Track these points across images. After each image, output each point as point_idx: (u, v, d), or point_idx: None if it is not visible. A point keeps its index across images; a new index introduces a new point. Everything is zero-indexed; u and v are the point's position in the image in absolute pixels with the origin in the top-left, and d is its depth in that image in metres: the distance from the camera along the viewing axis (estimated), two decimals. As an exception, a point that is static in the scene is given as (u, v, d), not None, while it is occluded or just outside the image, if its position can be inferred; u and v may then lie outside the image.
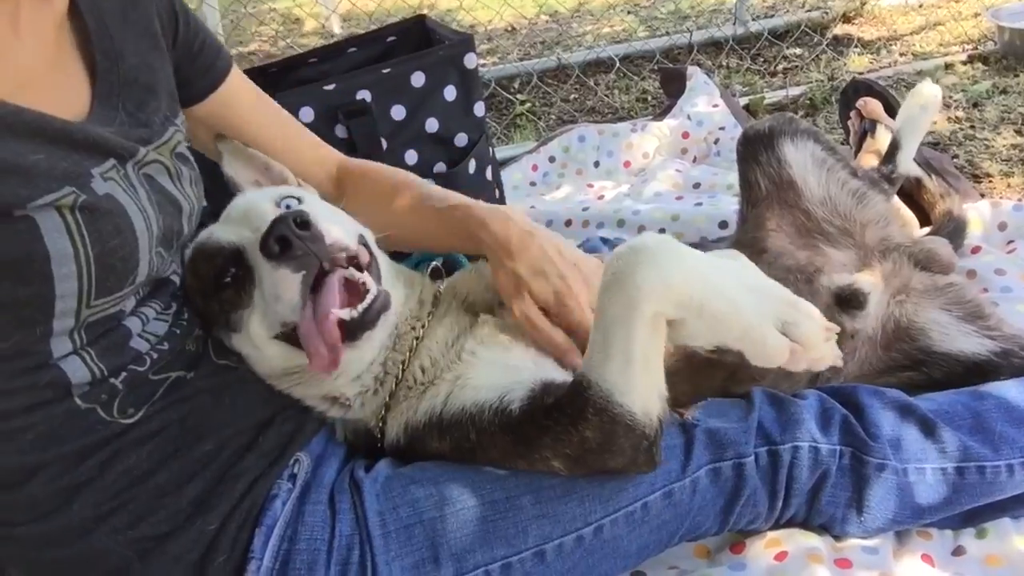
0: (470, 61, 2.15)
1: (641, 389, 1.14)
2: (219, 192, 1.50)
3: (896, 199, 2.00)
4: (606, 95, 3.56)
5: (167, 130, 1.26)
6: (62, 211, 1.02)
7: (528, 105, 3.53)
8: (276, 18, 5.39)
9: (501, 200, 2.37)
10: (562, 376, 1.24)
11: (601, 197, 2.65)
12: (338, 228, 1.19)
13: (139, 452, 1.15)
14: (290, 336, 1.21)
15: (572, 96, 3.62)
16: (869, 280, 1.61)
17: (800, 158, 1.70)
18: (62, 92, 1.15)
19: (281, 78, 2.33)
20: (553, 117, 3.44)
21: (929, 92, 1.95)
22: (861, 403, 1.38)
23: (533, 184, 2.85)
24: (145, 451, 1.15)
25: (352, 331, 1.18)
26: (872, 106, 2.38)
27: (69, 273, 1.02)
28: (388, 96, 2.09)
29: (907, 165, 1.97)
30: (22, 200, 0.98)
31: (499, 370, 1.27)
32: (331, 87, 2.05)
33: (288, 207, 1.26)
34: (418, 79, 2.11)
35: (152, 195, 1.17)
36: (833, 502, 1.32)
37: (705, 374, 1.39)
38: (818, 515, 1.34)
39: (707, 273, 1.09)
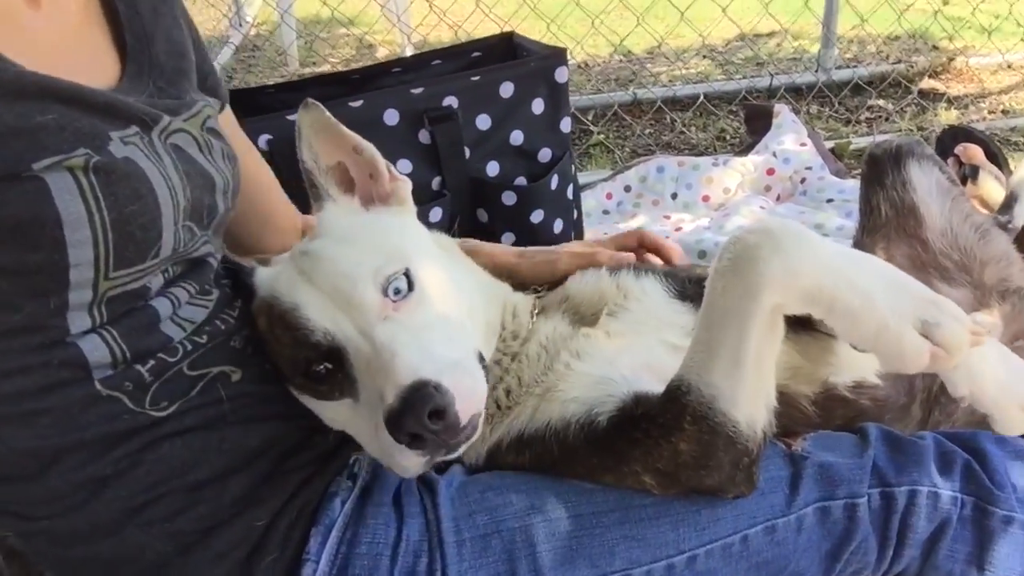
0: (561, 75, 2.10)
1: (748, 396, 1.04)
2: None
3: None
4: (683, 131, 3.49)
5: (196, 103, 1.19)
6: (75, 172, 0.94)
7: (603, 136, 3.48)
8: (351, 42, 5.46)
9: (579, 221, 2.30)
10: (660, 388, 1.13)
11: (679, 229, 2.57)
12: (469, 384, 1.03)
13: (174, 445, 1.06)
14: None
15: (648, 131, 3.56)
16: (987, 320, 1.49)
17: (926, 183, 1.60)
18: (88, 67, 1.09)
19: (362, 86, 2.30)
20: (628, 150, 3.38)
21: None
22: (983, 449, 1.25)
23: (606, 212, 2.78)
24: (181, 445, 1.06)
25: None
26: (973, 151, 2.28)
27: (83, 239, 0.94)
28: (475, 104, 2.04)
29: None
30: (26, 161, 0.91)
31: (591, 382, 1.17)
32: (418, 91, 2.00)
33: (397, 291, 1.11)
34: (507, 89, 2.06)
35: (179, 165, 1.08)
36: (951, 557, 1.19)
37: (835, 415, 1.28)
38: (933, 570, 1.20)
39: (838, 263, 0.99)
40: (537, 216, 2.09)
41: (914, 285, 1.02)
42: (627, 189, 2.82)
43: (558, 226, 2.15)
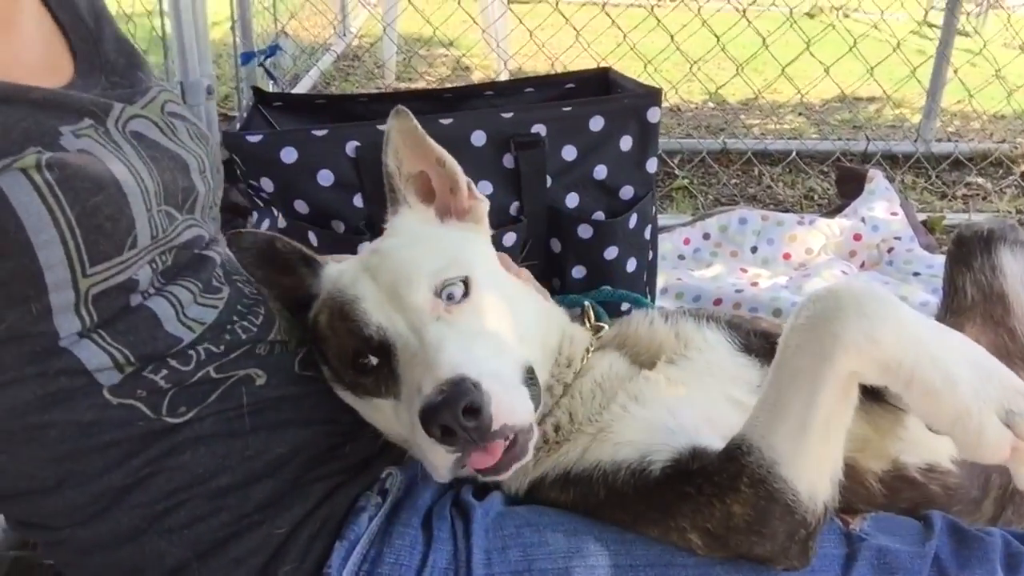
0: (653, 115, 2.07)
1: (812, 465, 0.99)
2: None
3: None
4: (771, 186, 3.43)
5: (152, 89, 1.18)
6: (28, 172, 0.91)
7: (688, 181, 3.44)
8: (448, 62, 5.55)
9: (654, 262, 2.26)
10: (720, 444, 1.09)
11: (755, 284, 2.51)
12: (507, 394, 1.02)
13: (196, 452, 1.05)
14: None
15: (734, 181, 3.51)
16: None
17: (1018, 270, 1.53)
18: (47, 77, 1.08)
19: (454, 105, 2.32)
20: (712, 197, 3.34)
21: None
22: (1054, 553, 1.17)
23: (682, 257, 2.74)
24: (204, 452, 1.06)
25: (481, 473, 1.06)
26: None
27: (50, 239, 0.92)
28: (562, 135, 2.03)
29: None
30: None
31: (647, 428, 1.14)
32: (508, 115, 2.00)
33: (451, 297, 1.13)
34: (596, 123, 2.04)
35: (142, 151, 1.06)
36: (1008, 665, 1.12)
37: (901, 497, 1.22)
38: None
39: (923, 335, 0.94)
40: (611, 253, 2.06)
41: (1002, 371, 0.96)
42: (706, 236, 2.78)
43: (631, 265, 2.12)
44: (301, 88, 4.16)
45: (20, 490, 1.02)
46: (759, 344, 1.28)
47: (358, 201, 1.96)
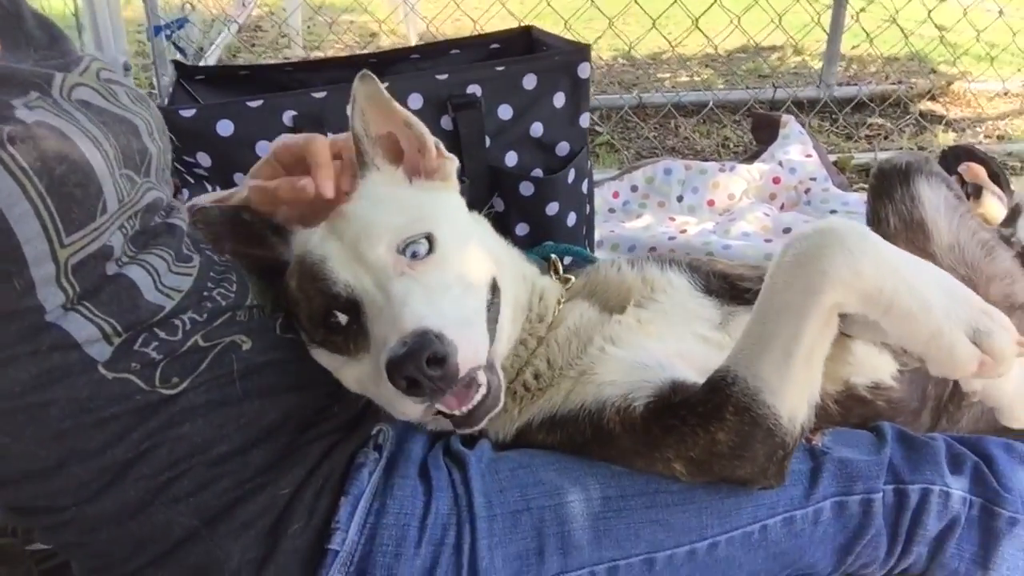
0: (583, 71, 2.11)
1: (794, 391, 1.07)
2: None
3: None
4: (688, 137, 3.53)
5: (84, 58, 1.18)
6: None
7: (607, 137, 3.51)
8: (353, 29, 5.45)
9: (591, 215, 2.32)
10: (695, 377, 1.16)
11: (683, 231, 2.60)
12: (471, 339, 1.06)
13: (193, 422, 1.07)
14: None
15: (653, 134, 3.60)
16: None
17: (934, 199, 1.64)
18: None
19: (381, 69, 2.31)
20: (633, 151, 3.42)
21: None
22: (991, 454, 1.28)
23: (612, 211, 2.81)
24: (200, 422, 1.07)
25: (455, 425, 1.10)
26: (976, 170, 2.32)
27: (24, 212, 0.92)
28: (498, 94, 2.05)
29: (1027, 232, 1.90)
30: None
31: (627, 367, 1.19)
32: (443, 77, 2.01)
33: (415, 255, 1.15)
34: (530, 81, 2.07)
35: (92, 117, 1.06)
36: (958, 555, 1.23)
37: (853, 413, 1.31)
38: (939, 568, 1.24)
39: (899, 266, 1.02)
40: (552, 208, 2.11)
41: (969, 294, 1.05)
42: (634, 189, 2.85)
43: (571, 219, 2.17)
44: (209, 62, 4.04)
45: (23, 472, 1.01)
46: (718, 285, 1.36)
47: (299, 171, 1.94)
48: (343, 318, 1.14)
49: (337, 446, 1.15)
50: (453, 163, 1.35)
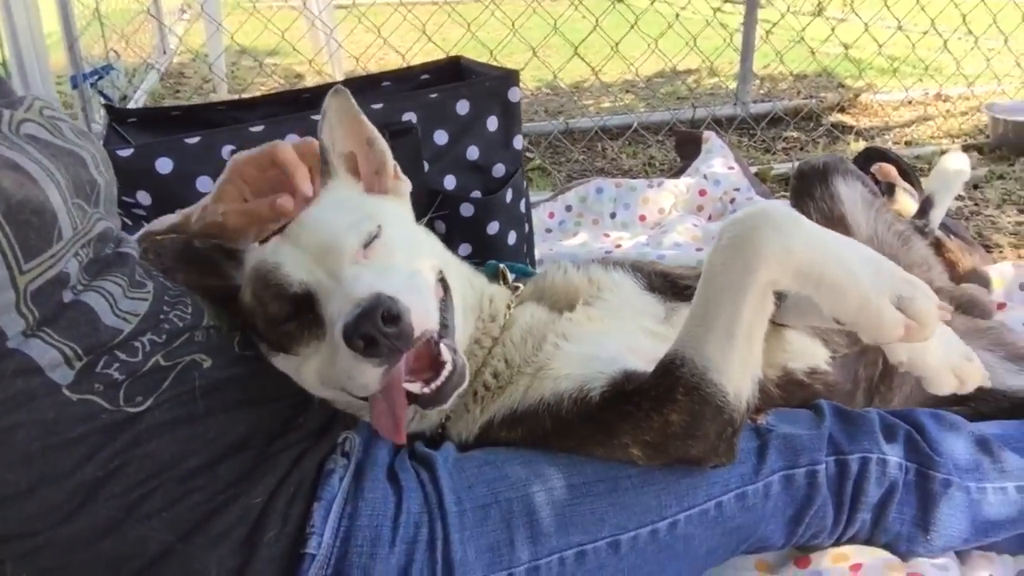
0: (513, 95, 2.20)
1: (738, 368, 1.13)
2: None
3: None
4: (615, 158, 3.65)
5: (25, 98, 1.22)
6: None
7: (539, 161, 3.60)
8: (278, 72, 5.47)
9: (531, 234, 2.38)
10: (645, 367, 1.22)
11: (619, 246, 2.68)
12: (422, 303, 1.11)
13: (160, 439, 1.08)
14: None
15: (581, 157, 3.70)
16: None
17: (852, 196, 1.75)
18: None
19: (314, 104, 2.35)
20: (564, 174, 3.51)
21: (961, 159, 2.05)
22: (921, 423, 1.38)
23: (549, 231, 2.88)
24: (167, 438, 1.09)
25: (423, 404, 1.13)
26: (887, 170, 2.47)
27: None
28: (432, 121, 2.12)
29: (938, 221, 2.03)
30: None
31: (581, 360, 1.25)
32: (379, 106, 2.06)
33: (366, 245, 1.20)
34: (463, 107, 2.14)
35: (41, 150, 1.10)
36: (899, 519, 1.31)
37: (794, 397, 1.39)
38: (883, 533, 1.32)
39: (827, 242, 1.10)
40: (493, 228, 2.17)
41: (891, 265, 1.13)
42: (568, 209, 2.93)
43: (512, 238, 2.23)
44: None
45: None
46: (660, 283, 1.44)
47: (241, 204, 1.96)
48: (300, 314, 1.17)
49: (306, 454, 1.17)
50: (407, 185, 1.42)
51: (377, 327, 1.02)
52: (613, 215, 2.90)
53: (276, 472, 1.13)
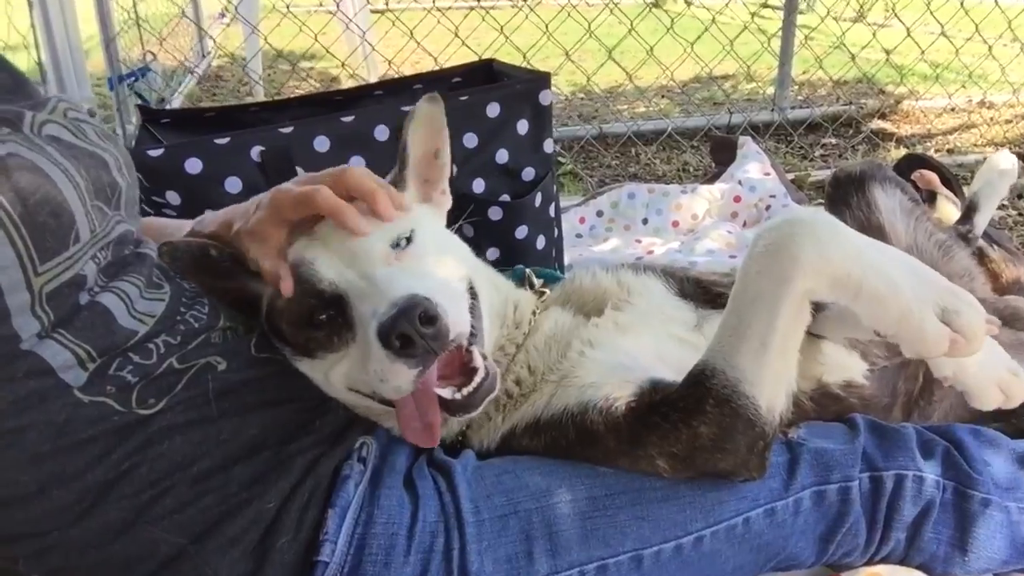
0: (544, 98, 2.17)
1: (771, 381, 1.09)
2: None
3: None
4: (649, 163, 3.61)
5: (50, 100, 1.21)
6: None
7: (571, 166, 3.57)
8: (314, 75, 5.51)
9: (560, 239, 2.36)
10: (674, 377, 1.18)
11: (650, 252, 2.65)
12: (456, 308, 1.10)
13: (173, 441, 1.07)
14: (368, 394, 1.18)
15: (614, 162, 3.67)
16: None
17: (890, 204, 1.70)
18: None
19: (346, 106, 2.35)
20: (596, 179, 3.48)
21: (1008, 159, 1.97)
22: (959, 439, 1.33)
23: (579, 236, 2.85)
24: (181, 440, 1.08)
25: (454, 410, 1.11)
26: (929, 177, 2.41)
27: (0, 242, 0.95)
28: (462, 123, 2.10)
29: (983, 228, 1.97)
30: None
31: (607, 368, 1.22)
32: (408, 108, 2.04)
33: (398, 246, 1.19)
34: (493, 110, 2.12)
35: (63, 151, 1.09)
36: (936, 539, 1.26)
37: (828, 411, 1.35)
38: (918, 553, 1.27)
39: (866, 251, 1.06)
40: (521, 232, 2.15)
41: (934, 275, 1.08)
42: (599, 214, 2.90)
43: (540, 243, 2.21)
44: (170, 111, 4.05)
45: (4, 499, 1.00)
46: (692, 289, 1.40)
47: (270, 205, 1.96)
48: (328, 315, 1.16)
49: (321, 459, 1.15)
50: (448, 202, 1.43)
51: (415, 326, 1.01)
52: (645, 221, 2.87)
53: (290, 477, 1.12)
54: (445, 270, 1.20)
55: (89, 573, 1.06)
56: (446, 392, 1.08)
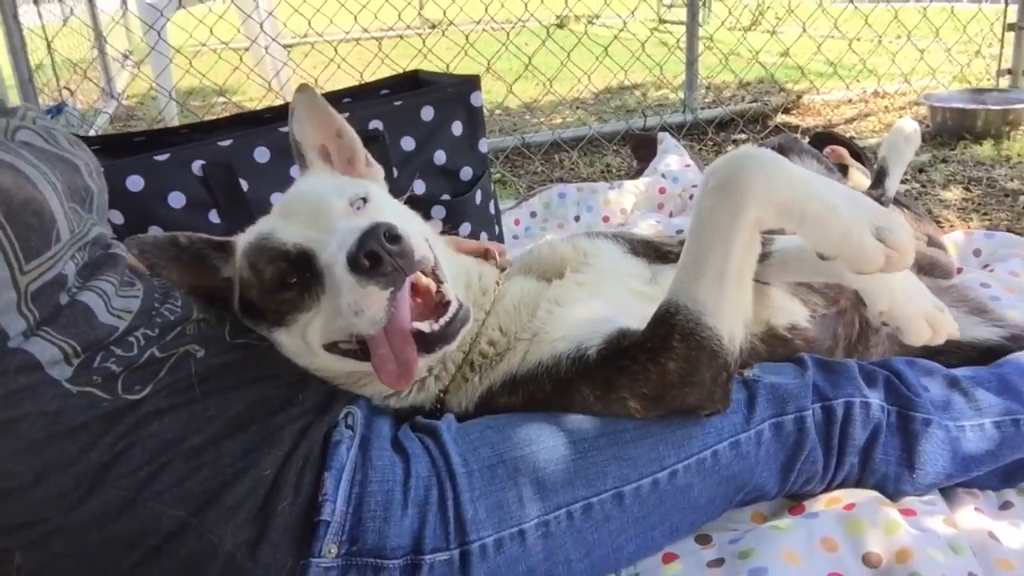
0: (476, 99, 2.25)
1: (730, 311, 1.17)
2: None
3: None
4: (573, 167, 3.72)
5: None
6: None
7: (499, 175, 3.65)
8: (229, 108, 5.47)
9: (501, 235, 2.43)
10: (638, 325, 1.25)
11: (586, 246, 2.73)
12: (417, 236, 1.17)
13: (162, 421, 1.11)
14: (346, 350, 1.22)
15: (540, 168, 3.77)
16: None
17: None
18: None
19: (277, 124, 2.37)
20: (525, 185, 3.56)
21: (911, 124, 2.13)
22: (898, 369, 1.43)
23: (516, 237, 2.91)
24: (167, 419, 1.11)
25: (429, 344, 1.16)
26: (840, 152, 2.57)
27: None
28: (399, 128, 2.16)
29: (893, 191, 2.12)
30: None
31: (576, 322, 1.28)
32: (346, 116, 2.09)
33: (359, 208, 1.26)
34: (427, 113, 2.19)
35: (37, 155, 1.14)
36: (885, 459, 1.35)
37: (777, 352, 1.44)
38: (871, 474, 1.36)
39: (807, 179, 1.14)
40: (465, 229, 2.21)
41: (868, 200, 1.17)
42: (533, 215, 2.98)
43: (483, 239, 2.27)
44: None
45: (2, 490, 1.01)
46: (643, 248, 1.49)
47: (213, 217, 1.98)
48: (296, 277, 1.20)
49: (310, 428, 1.19)
50: (380, 171, 1.47)
51: (381, 244, 1.07)
52: (577, 218, 2.95)
53: (282, 445, 1.15)
54: (402, 223, 1.26)
55: (93, 555, 1.07)
56: (424, 326, 1.13)
